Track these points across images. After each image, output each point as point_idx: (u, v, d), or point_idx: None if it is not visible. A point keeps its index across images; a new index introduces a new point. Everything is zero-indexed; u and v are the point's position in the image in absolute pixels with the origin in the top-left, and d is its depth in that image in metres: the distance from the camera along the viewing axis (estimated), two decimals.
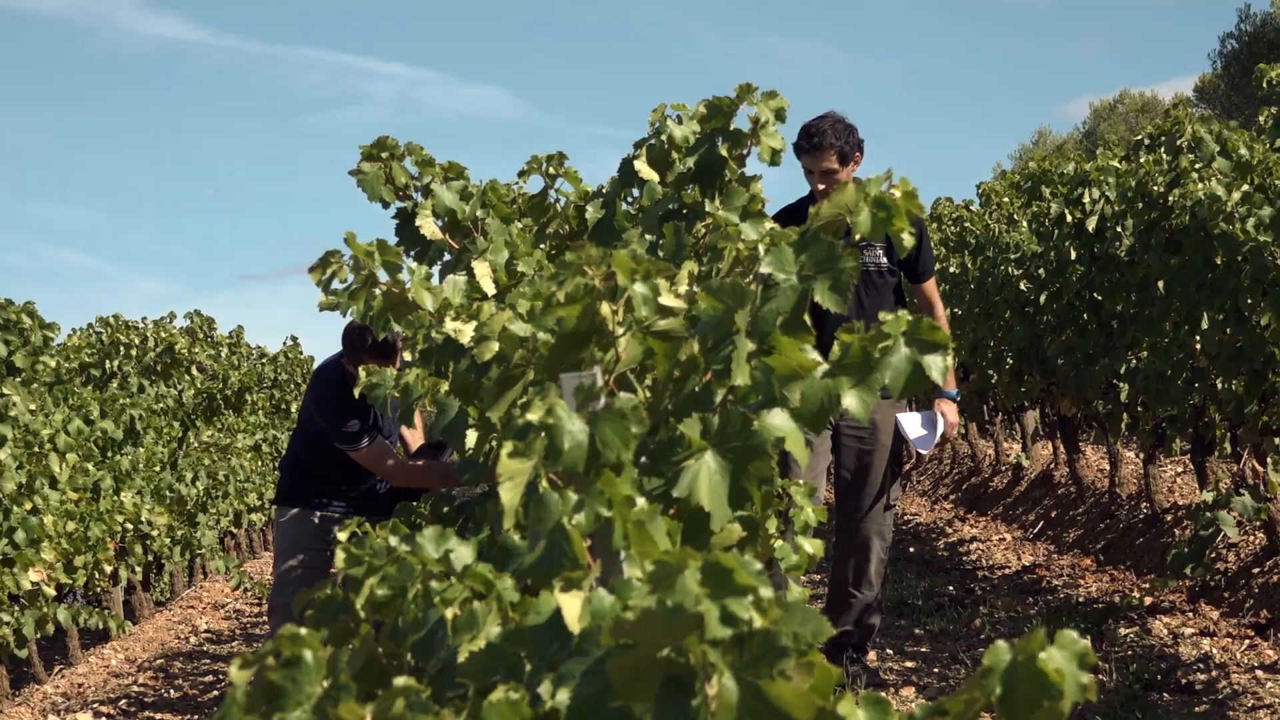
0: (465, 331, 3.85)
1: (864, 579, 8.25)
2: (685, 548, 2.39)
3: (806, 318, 2.97)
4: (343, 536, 3.11)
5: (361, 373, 5.11)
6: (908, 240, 3.54)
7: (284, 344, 27.57)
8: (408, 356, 4.46)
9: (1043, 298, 13.03)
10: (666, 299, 3.10)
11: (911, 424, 8.21)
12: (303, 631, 2.33)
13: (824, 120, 7.80)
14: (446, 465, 7.82)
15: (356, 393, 5.20)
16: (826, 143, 7.69)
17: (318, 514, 8.31)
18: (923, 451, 8.48)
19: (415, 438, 8.97)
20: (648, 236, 4.56)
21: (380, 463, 8.06)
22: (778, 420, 2.85)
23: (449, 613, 2.67)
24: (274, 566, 8.43)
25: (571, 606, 2.26)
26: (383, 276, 4.46)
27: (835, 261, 3.02)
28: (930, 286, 8.48)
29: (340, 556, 3.03)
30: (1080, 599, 10.74)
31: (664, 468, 2.76)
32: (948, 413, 8.29)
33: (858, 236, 3.33)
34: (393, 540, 2.96)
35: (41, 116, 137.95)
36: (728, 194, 4.74)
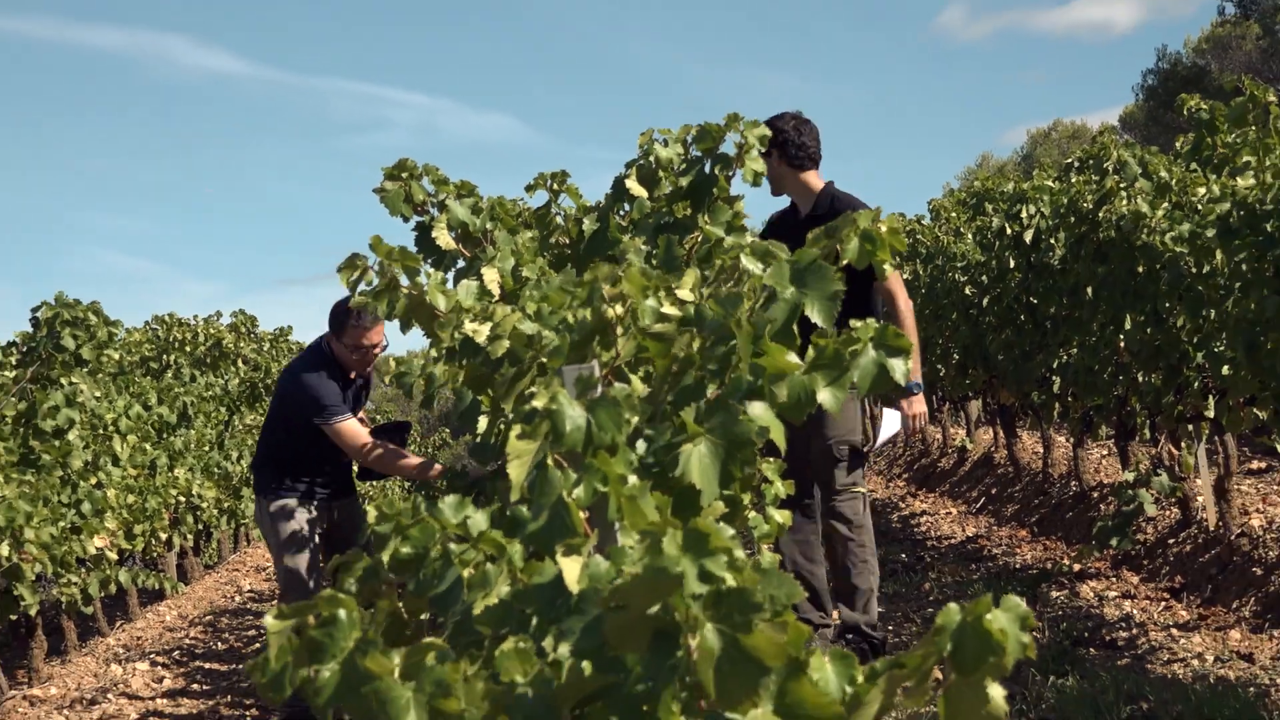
0: (481, 331, 3.84)
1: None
2: (669, 517, 2.39)
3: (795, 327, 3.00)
4: (373, 512, 3.09)
5: (392, 362, 5.08)
6: (887, 270, 3.57)
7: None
8: (434, 353, 4.43)
9: (985, 301, 13.05)
10: (666, 308, 3.11)
11: (890, 423, 7.84)
12: (339, 594, 2.33)
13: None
14: (402, 455, 7.62)
15: (387, 379, 5.28)
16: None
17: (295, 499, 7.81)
18: (881, 440, 8.10)
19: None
20: (643, 246, 4.56)
21: (356, 439, 7.63)
22: (761, 412, 2.87)
23: (465, 572, 2.67)
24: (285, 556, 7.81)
25: (571, 570, 2.27)
26: (404, 280, 4.46)
27: (827, 283, 3.04)
28: (891, 282, 7.60)
29: (372, 514, 3.03)
30: (1017, 565, 10.74)
31: (661, 451, 2.76)
32: (915, 403, 7.69)
33: (844, 261, 3.34)
34: (419, 505, 2.96)
35: (105, 138, 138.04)
36: (714, 211, 4.75)
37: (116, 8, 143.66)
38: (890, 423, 7.64)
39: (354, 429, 7.68)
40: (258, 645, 11.25)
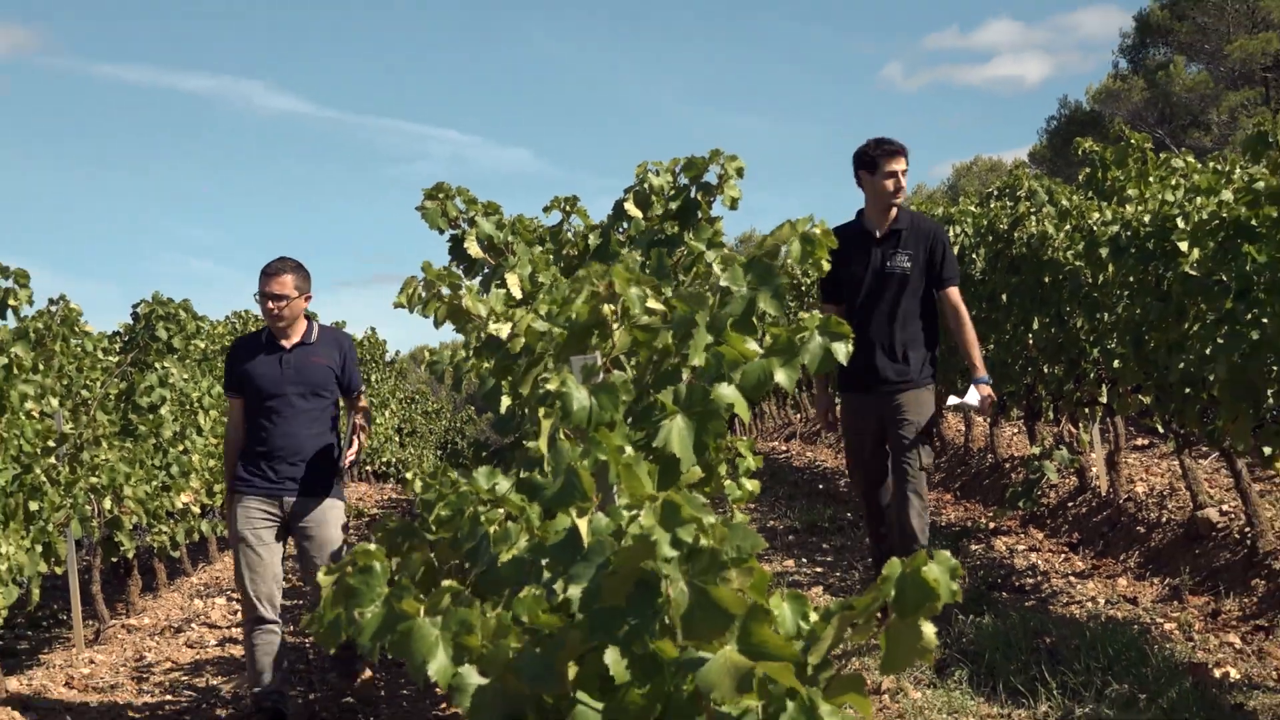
0: (503, 330, 3.83)
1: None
2: (651, 491, 2.38)
3: (755, 320, 2.99)
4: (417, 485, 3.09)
5: (426, 353, 5.05)
6: (825, 267, 3.54)
7: (365, 332, 27.45)
8: (464, 350, 4.42)
9: None
10: (652, 303, 3.11)
11: (971, 396, 7.12)
12: (371, 547, 2.32)
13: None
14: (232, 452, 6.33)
15: (423, 367, 5.11)
16: (902, 148, 6.93)
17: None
18: (955, 401, 7.32)
19: None
20: (639, 257, 4.57)
21: (229, 420, 6.42)
22: (727, 392, 2.86)
23: (491, 529, 2.66)
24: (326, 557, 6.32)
25: (584, 526, 2.26)
26: (445, 291, 4.47)
27: (773, 279, 3.03)
28: (953, 294, 7.09)
29: (417, 484, 3.03)
30: (943, 524, 10.73)
31: (646, 425, 2.76)
32: (985, 389, 7.08)
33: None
34: (455, 475, 2.97)
35: (192, 165, 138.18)
36: (698, 229, 4.76)
37: (204, 58, 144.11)
38: (971, 396, 7.21)
39: (232, 409, 6.37)
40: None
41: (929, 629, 2.08)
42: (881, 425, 7.05)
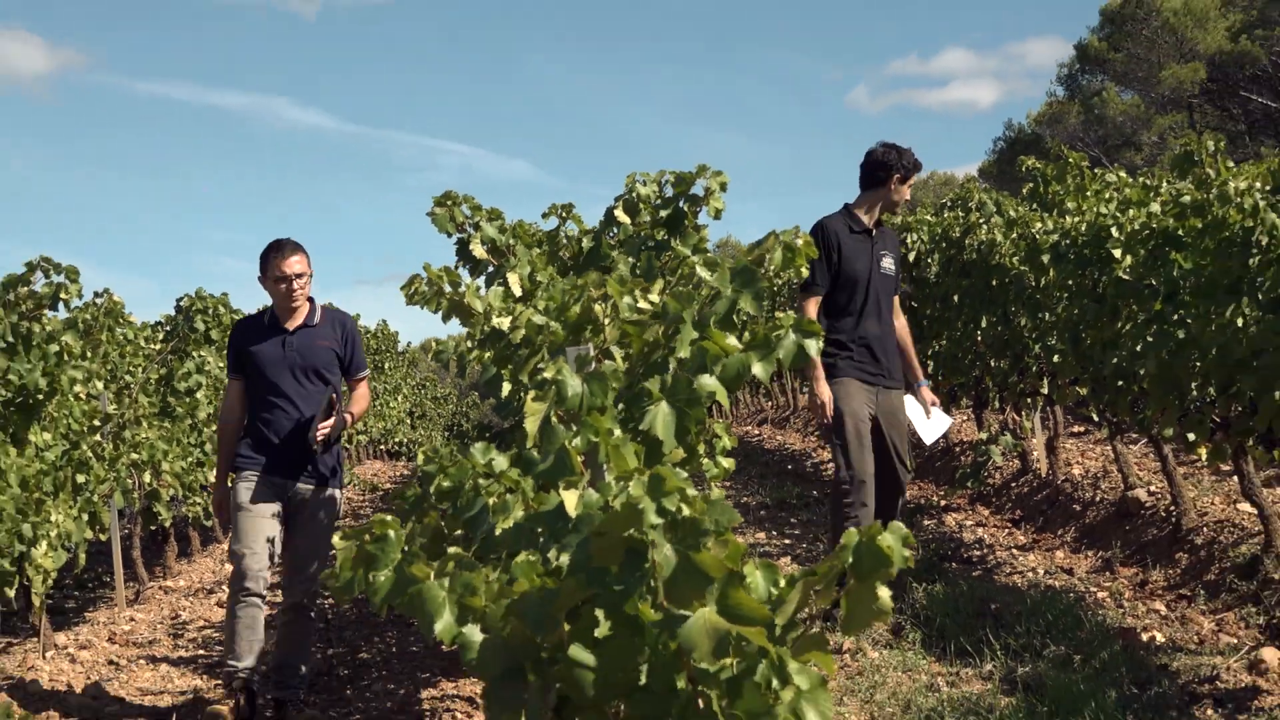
0: (504, 323, 3.82)
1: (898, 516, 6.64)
2: (640, 465, 2.38)
3: (735, 317, 3.00)
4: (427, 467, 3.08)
5: (433, 343, 5.01)
6: (804, 273, 3.58)
7: (377, 324, 27.28)
8: (468, 341, 4.41)
9: None
10: (643, 302, 3.12)
11: (919, 420, 6.62)
12: (388, 518, 2.31)
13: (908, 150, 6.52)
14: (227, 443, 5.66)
15: (430, 357, 4.85)
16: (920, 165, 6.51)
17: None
18: (928, 440, 6.72)
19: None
20: (630, 260, 4.56)
21: (225, 399, 5.78)
22: (709, 382, 2.86)
23: (490, 500, 2.65)
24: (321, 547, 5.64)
25: (570, 499, 2.27)
26: (447, 289, 4.47)
27: (755, 283, 3.04)
28: (896, 300, 6.74)
29: (421, 457, 3.02)
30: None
31: (636, 411, 2.76)
32: (927, 394, 6.67)
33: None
34: (454, 450, 2.96)
35: (226, 173, 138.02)
36: (685, 236, 4.76)
37: (237, 76, 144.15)
38: (939, 419, 6.63)
39: (230, 390, 5.71)
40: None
41: (885, 593, 2.08)
42: (877, 418, 6.45)
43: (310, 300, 5.70)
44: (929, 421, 6.63)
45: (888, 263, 6.60)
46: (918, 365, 6.81)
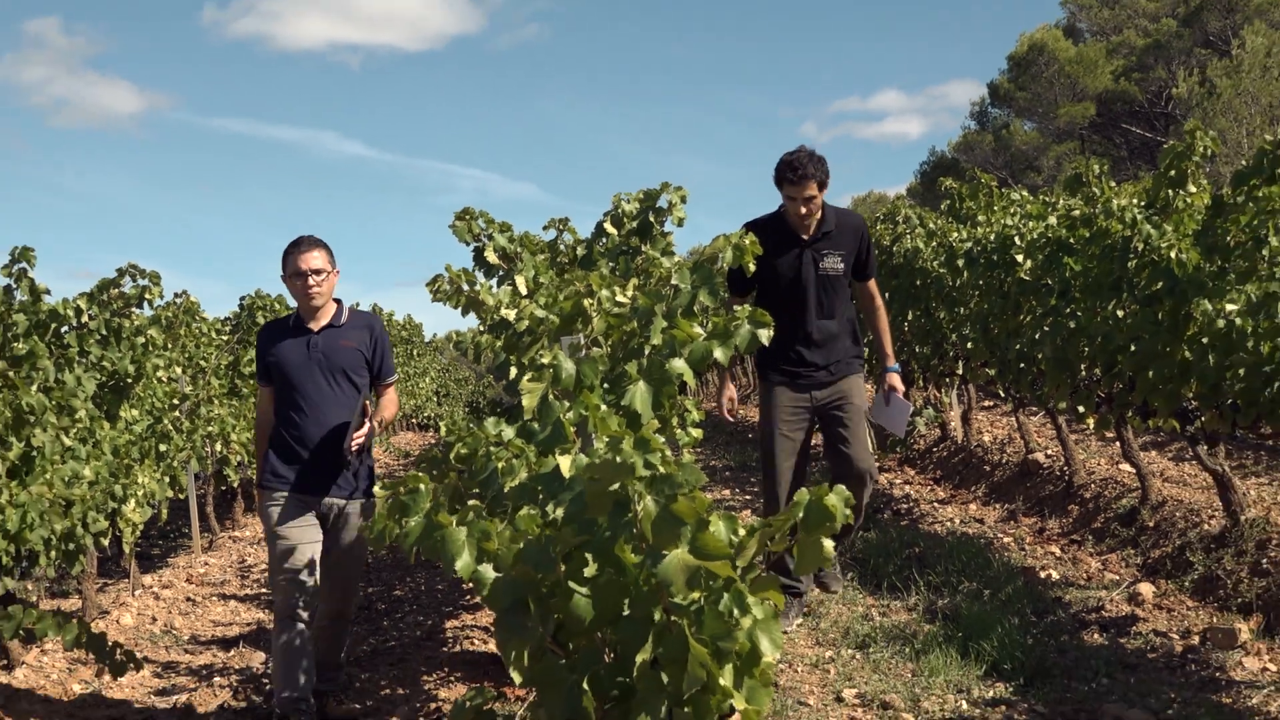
0: (511, 315, 3.81)
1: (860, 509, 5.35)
2: (627, 430, 2.39)
3: (695, 306, 2.99)
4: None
5: (454, 335, 4.97)
6: (750, 269, 3.51)
7: (404, 317, 27.02)
8: (481, 330, 4.39)
9: None
10: (620, 298, 3.11)
11: (884, 416, 5.47)
12: (420, 474, 2.31)
13: (800, 154, 4.94)
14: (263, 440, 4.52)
15: (452, 346, 4.70)
16: (809, 174, 4.88)
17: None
18: (898, 433, 5.60)
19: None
20: (610, 264, 4.55)
21: (258, 408, 4.65)
22: (678, 364, 2.86)
23: (500, 464, 2.65)
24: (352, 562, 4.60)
25: (565, 463, 2.26)
26: (465, 287, 4.45)
27: (711, 279, 3.03)
28: (872, 284, 5.42)
29: (444, 429, 3.01)
30: None
31: (618, 389, 2.75)
32: (894, 381, 5.44)
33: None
34: (470, 424, 2.95)
35: (282, 195, 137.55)
36: (654, 241, 4.74)
37: (292, 114, 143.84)
38: (898, 407, 5.45)
39: (261, 399, 4.61)
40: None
41: (829, 544, 2.08)
42: (812, 420, 5.30)
43: (338, 301, 4.59)
44: (889, 410, 5.49)
45: (830, 261, 5.20)
46: (890, 349, 5.63)
